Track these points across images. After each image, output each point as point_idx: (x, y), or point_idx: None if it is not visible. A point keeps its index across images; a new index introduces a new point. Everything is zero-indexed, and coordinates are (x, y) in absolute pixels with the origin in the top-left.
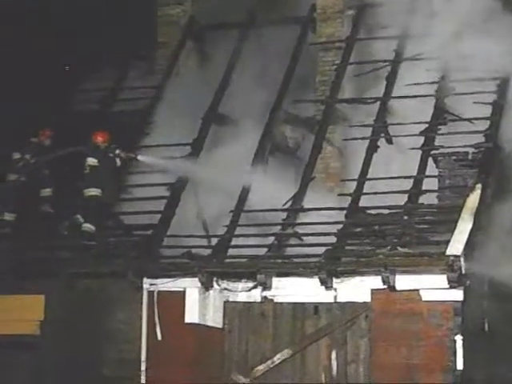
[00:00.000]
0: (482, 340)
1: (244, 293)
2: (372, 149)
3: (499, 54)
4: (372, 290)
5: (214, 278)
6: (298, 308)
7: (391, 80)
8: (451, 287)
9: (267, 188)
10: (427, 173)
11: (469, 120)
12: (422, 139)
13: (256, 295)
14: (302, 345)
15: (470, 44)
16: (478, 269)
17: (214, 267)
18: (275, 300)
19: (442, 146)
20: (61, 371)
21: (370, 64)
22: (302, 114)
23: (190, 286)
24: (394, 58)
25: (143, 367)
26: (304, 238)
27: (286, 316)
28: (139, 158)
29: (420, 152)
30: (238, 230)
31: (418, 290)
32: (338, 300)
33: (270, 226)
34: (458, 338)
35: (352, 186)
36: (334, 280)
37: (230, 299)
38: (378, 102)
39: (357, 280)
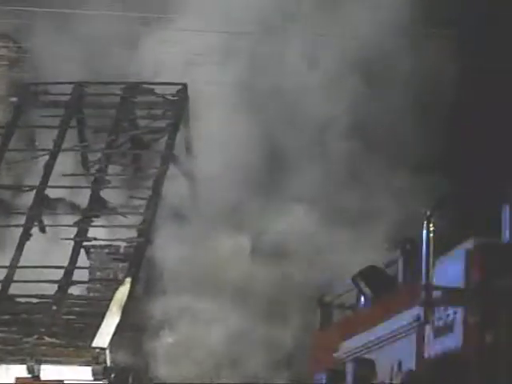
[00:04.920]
0: None
1: None
2: (24, 236)
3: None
4: (16, 378)
5: None
6: None
7: (48, 169)
8: (96, 379)
9: None
10: (80, 264)
11: (123, 214)
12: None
13: None
14: None
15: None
16: (124, 361)
17: None
18: None
19: (95, 238)
20: None
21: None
22: None
23: None
24: (53, 147)
25: None
26: None
27: None
28: None
29: (73, 243)
30: None
31: (62, 381)
32: None
33: None
34: None
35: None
36: None
37: None
38: (34, 190)
39: (3, 368)
